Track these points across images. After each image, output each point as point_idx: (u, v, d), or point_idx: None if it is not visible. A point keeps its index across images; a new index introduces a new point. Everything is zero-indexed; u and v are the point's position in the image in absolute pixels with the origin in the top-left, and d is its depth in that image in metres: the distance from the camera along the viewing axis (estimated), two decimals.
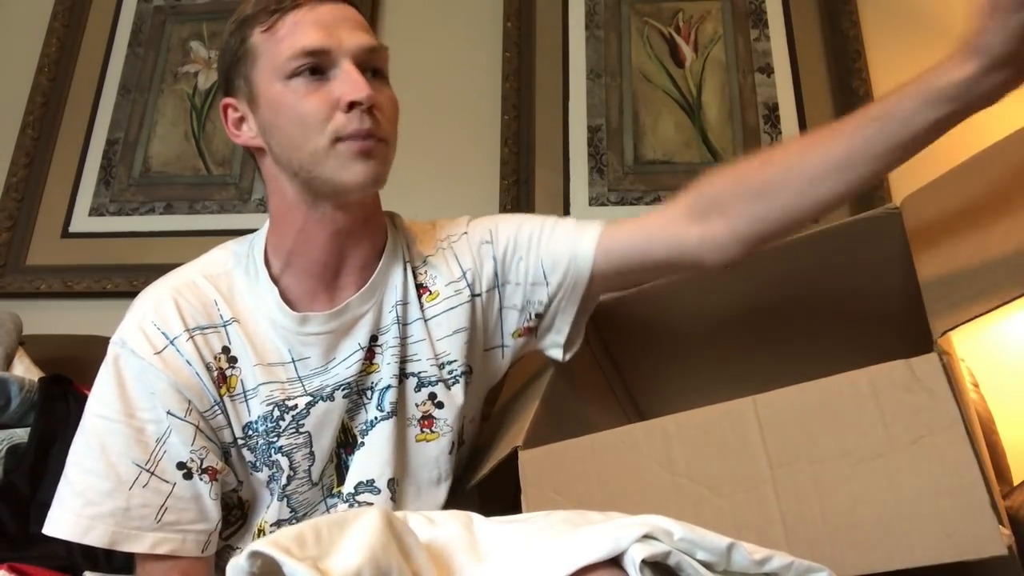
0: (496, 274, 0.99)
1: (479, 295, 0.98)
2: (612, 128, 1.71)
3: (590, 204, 1.66)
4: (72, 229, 1.76)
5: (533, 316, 1.00)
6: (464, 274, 0.98)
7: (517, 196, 1.67)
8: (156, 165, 1.80)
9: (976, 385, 1.15)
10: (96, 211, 1.77)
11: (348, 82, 0.83)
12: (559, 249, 0.97)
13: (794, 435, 0.73)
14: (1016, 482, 1.02)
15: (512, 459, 0.90)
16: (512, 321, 1.00)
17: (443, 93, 1.78)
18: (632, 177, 1.67)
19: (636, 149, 1.69)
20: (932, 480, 0.67)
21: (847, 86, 1.65)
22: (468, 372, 0.98)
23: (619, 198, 1.66)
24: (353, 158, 0.84)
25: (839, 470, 0.71)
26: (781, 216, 0.87)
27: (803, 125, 1.65)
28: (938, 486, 0.67)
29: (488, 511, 0.70)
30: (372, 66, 0.87)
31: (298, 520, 0.91)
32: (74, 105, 1.86)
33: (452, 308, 0.96)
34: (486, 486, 1.00)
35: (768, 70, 1.71)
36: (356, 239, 0.92)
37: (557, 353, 1.02)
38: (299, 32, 0.84)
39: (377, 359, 0.93)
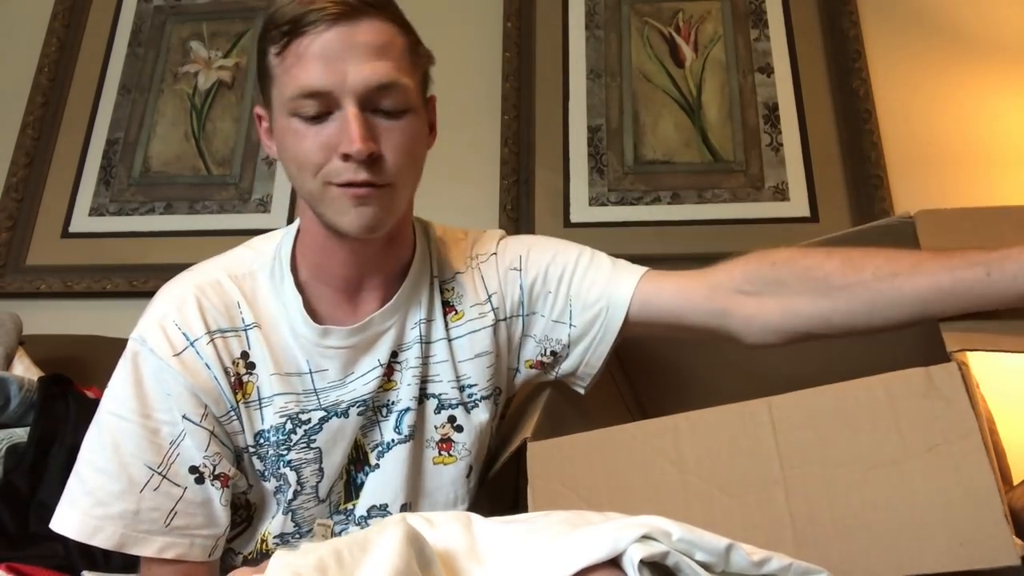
0: (522, 303, 0.97)
1: (504, 320, 0.96)
2: (612, 128, 1.71)
3: (590, 204, 1.66)
4: (72, 229, 1.76)
5: (549, 352, 0.97)
6: (490, 298, 0.96)
7: (517, 196, 1.67)
8: (156, 165, 1.80)
9: (976, 385, 1.15)
10: (96, 211, 1.77)
11: (345, 131, 0.78)
12: (592, 294, 0.94)
13: (808, 438, 0.73)
14: (1016, 482, 1.02)
15: (513, 459, 0.90)
16: (528, 350, 0.98)
17: (443, 93, 1.77)
18: (632, 177, 1.67)
19: (636, 149, 1.69)
20: (946, 488, 0.66)
21: (847, 86, 1.65)
22: (497, 393, 0.96)
23: (619, 198, 1.66)
24: (347, 203, 0.80)
25: (852, 474, 0.70)
26: (840, 323, 0.83)
27: (803, 125, 1.65)
28: (952, 494, 0.66)
29: (489, 511, 0.70)
30: (383, 104, 0.80)
31: (302, 535, 0.89)
32: (74, 105, 1.86)
33: (476, 331, 0.94)
34: (486, 486, 1.00)
35: (768, 70, 1.71)
36: (377, 261, 0.89)
37: (579, 389, 1.00)
38: (302, 66, 0.78)
39: (396, 376, 0.91)
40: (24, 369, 1.30)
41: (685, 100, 1.72)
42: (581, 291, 0.95)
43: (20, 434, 1.14)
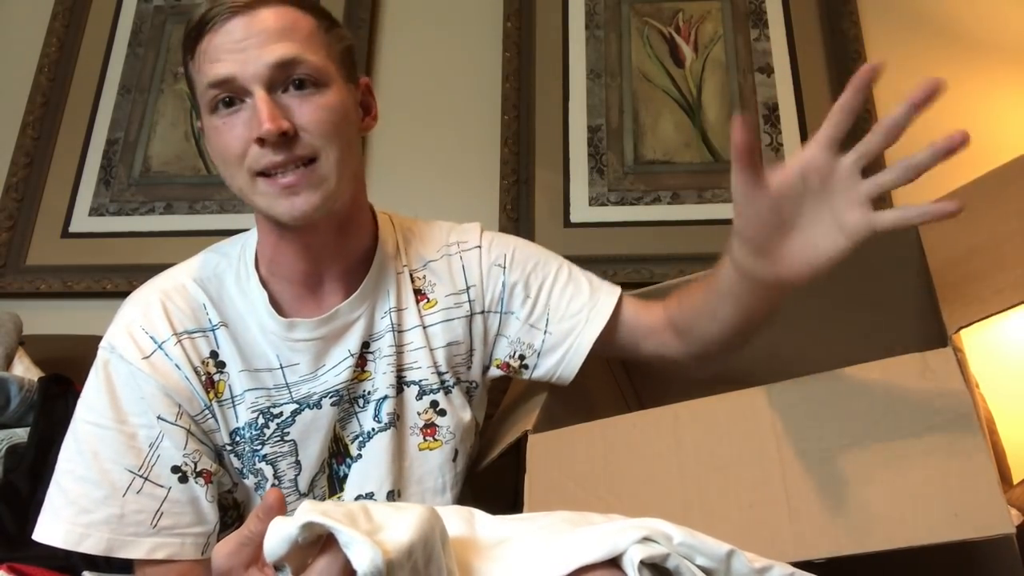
0: (502, 299, 0.98)
1: (480, 313, 0.97)
2: (612, 128, 1.71)
3: (590, 204, 1.66)
4: (72, 229, 1.76)
5: (517, 355, 0.98)
6: (468, 289, 0.97)
7: (517, 196, 1.66)
8: (156, 165, 1.80)
9: (976, 385, 1.15)
10: (96, 211, 1.77)
11: (253, 115, 0.79)
12: (571, 307, 0.97)
13: (805, 421, 0.74)
14: (1016, 482, 1.03)
15: (513, 458, 0.90)
16: (500, 349, 0.99)
17: (443, 93, 1.78)
18: (632, 177, 1.67)
19: (636, 149, 1.69)
20: (940, 463, 0.68)
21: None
22: (473, 387, 0.97)
23: (619, 198, 1.66)
24: (277, 196, 0.80)
25: (848, 454, 0.71)
26: (721, 338, 0.89)
27: (803, 125, 1.65)
28: (946, 468, 0.67)
29: (488, 509, 0.70)
30: (294, 78, 0.80)
31: None
32: (74, 105, 1.86)
33: (449, 320, 0.95)
34: (486, 485, 1.00)
35: (768, 70, 1.71)
36: (331, 252, 0.89)
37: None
38: (208, 61, 0.80)
39: (369, 366, 0.92)
40: (24, 369, 1.30)
41: (685, 100, 1.72)
42: (561, 303, 0.97)
43: (20, 434, 1.14)
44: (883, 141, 0.68)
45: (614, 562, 0.53)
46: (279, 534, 0.48)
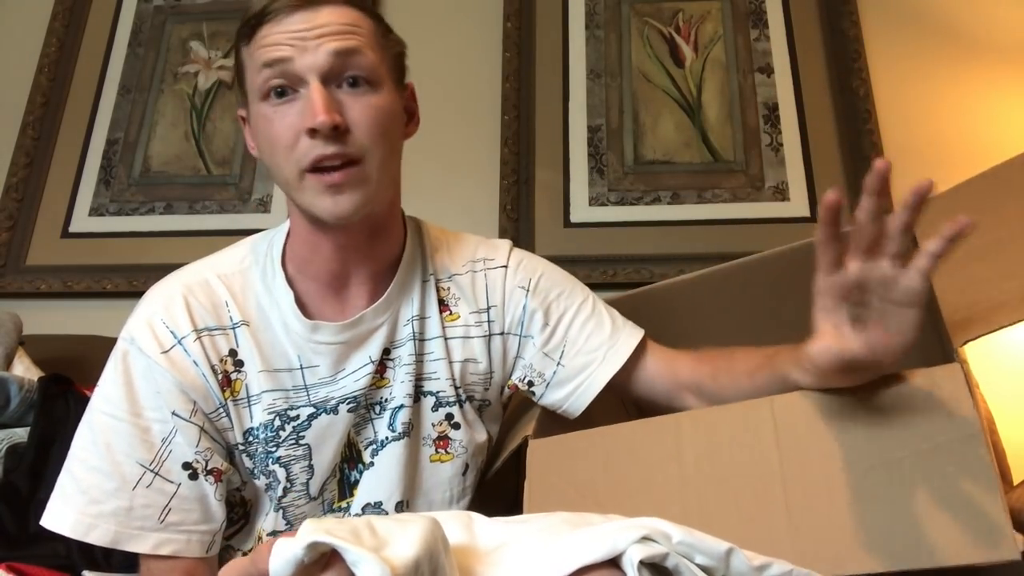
0: (522, 323, 0.97)
1: (500, 334, 0.96)
2: (612, 128, 1.71)
3: (590, 204, 1.66)
4: (72, 229, 1.76)
5: (526, 381, 0.97)
6: (488, 309, 0.96)
7: (517, 196, 1.66)
8: (156, 165, 1.80)
9: (976, 385, 1.15)
10: (96, 211, 1.77)
11: (307, 105, 0.79)
12: (589, 343, 0.96)
13: (809, 436, 0.73)
14: (1016, 482, 1.02)
15: (513, 459, 0.90)
16: (517, 371, 0.98)
17: (443, 93, 1.78)
18: (632, 177, 1.67)
19: (636, 149, 1.69)
20: (946, 483, 0.67)
21: (847, 86, 1.65)
22: (485, 404, 0.97)
23: (619, 198, 1.66)
24: (322, 192, 0.80)
25: (852, 471, 0.70)
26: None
27: (803, 125, 1.65)
28: (952, 489, 0.66)
29: (489, 510, 0.70)
30: (348, 74, 0.81)
31: None
32: (74, 105, 1.86)
33: (469, 337, 0.94)
34: (486, 486, 1.00)
35: (768, 70, 1.71)
36: (362, 254, 0.89)
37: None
38: (266, 47, 0.81)
39: (388, 374, 0.91)
40: (24, 369, 1.30)
41: (685, 100, 1.72)
42: (580, 338, 0.96)
43: (20, 434, 1.14)
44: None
45: (614, 562, 0.53)
46: (284, 555, 0.48)
